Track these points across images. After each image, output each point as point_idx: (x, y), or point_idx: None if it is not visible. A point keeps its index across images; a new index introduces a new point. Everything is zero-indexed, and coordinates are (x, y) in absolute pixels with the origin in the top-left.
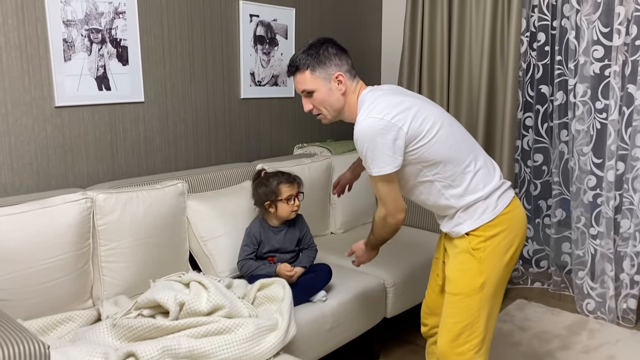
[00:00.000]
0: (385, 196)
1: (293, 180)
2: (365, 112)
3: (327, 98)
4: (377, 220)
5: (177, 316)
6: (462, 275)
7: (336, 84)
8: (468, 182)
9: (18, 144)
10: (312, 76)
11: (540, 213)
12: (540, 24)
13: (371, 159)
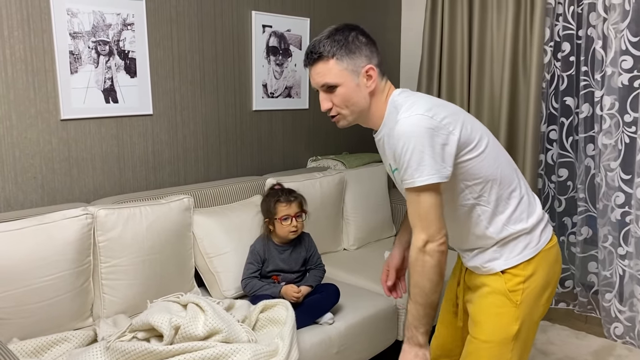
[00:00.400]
0: (428, 212)
1: (291, 200)
2: (408, 110)
3: (352, 95)
4: (415, 258)
5: (171, 340)
6: (495, 321)
7: (365, 80)
8: (512, 210)
9: (22, 158)
10: (338, 67)
11: (565, 230)
12: (565, 33)
13: (417, 164)
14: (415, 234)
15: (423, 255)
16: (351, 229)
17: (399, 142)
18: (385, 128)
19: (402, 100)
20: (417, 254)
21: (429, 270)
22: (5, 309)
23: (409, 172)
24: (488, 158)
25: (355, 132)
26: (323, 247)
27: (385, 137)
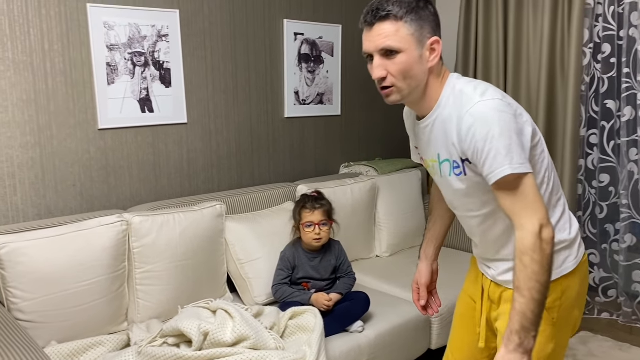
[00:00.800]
0: (535, 195)
1: (316, 207)
2: (483, 95)
3: (413, 66)
4: (531, 248)
5: (200, 346)
6: None
7: (428, 53)
8: (558, 218)
9: (62, 166)
10: (406, 31)
11: (607, 238)
12: (605, 34)
13: (506, 151)
14: (526, 222)
15: (541, 242)
16: (384, 235)
17: (479, 128)
18: (442, 111)
19: (464, 84)
20: (535, 242)
21: (548, 259)
22: (44, 313)
23: (498, 161)
24: (546, 159)
25: (388, 138)
26: (355, 254)
27: (438, 122)
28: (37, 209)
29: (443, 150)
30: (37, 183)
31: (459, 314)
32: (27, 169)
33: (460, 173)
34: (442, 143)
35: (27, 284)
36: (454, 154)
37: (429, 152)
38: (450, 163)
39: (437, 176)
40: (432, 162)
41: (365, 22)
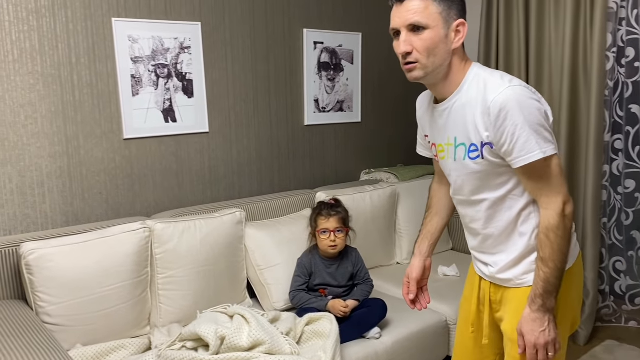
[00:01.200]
0: (559, 175)
1: (332, 214)
2: (510, 82)
3: (438, 44)
4: (556, 226)
5: (217, 350)
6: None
7: (453, 34)
8: None
9: (89, 175)
10: (435, 9)
11: (634, 245)
12: (628, 38)
13: (536, 135)
14: (551, 202)
15: (564, 219)
16: (404, 242)
17: (510, 112)
18: (464, 95)
19: (489, 72)
20: (559, 221)
21: (569, 231)
22: (70, 317)
23: (530, 145)
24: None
25: (410, 144)
26: (375, 261)
27: (457, 105)
28: (65, 216)
29: (460, 134)
30: (65, 191)
31: (460, 319)
32: (56, 177)
33: (477, 157)
34: (460, 126)
35: (53, 288)
36: (472, 137)
37: (444, 136)
38: (466, 147)
39: (450, 160)
40: (447, 145)
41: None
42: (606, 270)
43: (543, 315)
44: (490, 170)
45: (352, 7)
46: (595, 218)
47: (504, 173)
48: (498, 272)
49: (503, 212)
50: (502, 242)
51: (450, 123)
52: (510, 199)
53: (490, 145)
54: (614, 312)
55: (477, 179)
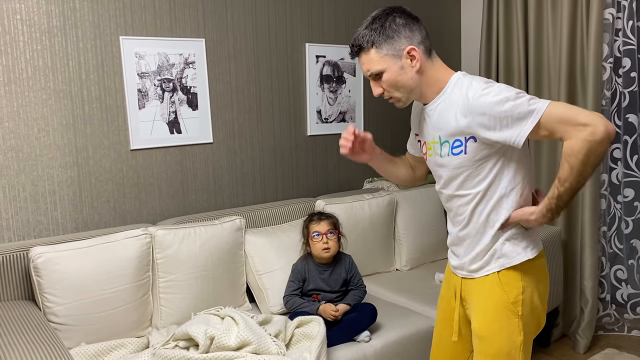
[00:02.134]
0: (570, 115)
1: (322, 218)
2: (484, 81)
3: (398, 78)
4: (576, 149)
5: (207, 349)
6: (501, 334)
7: (409, 60)
8: (526, 195)
9: (98, 184)
10: (378, 55)
11: (634, 254)
12: (625, 48)
13: (527, 102)
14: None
15: (588, 144)
16: (403, 250)
17: (493, 104)
18: (448, 97)
19: (469, 77)
20: (581, 145)
21: (594, 157)
22: (75, 317)
23: (527, 117)
24: (531, 162)
25: None
26: (374, 268)
27: (442, 105)
28: (74, 222)
29: (444, 132)
30: (74, 199)
31: (438, 319)
32: (66, 186)
33: (459, 152)
34: (444, 125)
35: (60, 290)
36: (456, 134)
37: (431, 134)
38: (450, 143)
39: (437, 156)
40: (433, 143)
41: (351, 57)
42: (607, 278)
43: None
44: (470, 166)
45: (353, 22)
46: (594, 226)
47: (482, 170)
48: (470, 262)
49: (482, 205)
50: (478, 232)
51: (435, 122)
52: (488, 194)
53: (473, 138)
54: (615, 320)
55: (459, 174)
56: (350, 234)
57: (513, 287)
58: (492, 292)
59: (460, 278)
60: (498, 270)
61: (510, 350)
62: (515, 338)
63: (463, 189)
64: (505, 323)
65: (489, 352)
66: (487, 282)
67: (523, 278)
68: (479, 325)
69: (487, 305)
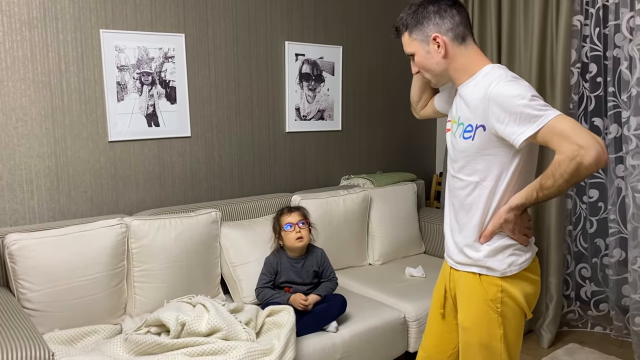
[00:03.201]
0: (571, 130)
1: (292, 210)
2: (510, 74)
3: (425, 62)
4: (563, 167)
5: (178, 335)
6: (482, 327)
7: (435, 46)
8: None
9: (75, 174)
10: (410, 38)
11: (598, 252)
12: (592, 54)
13: (538, 107)
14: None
15: (571, 163)
16: (376, 244)
17: (510, 97)
18: (473, 84)
19: (502, 69)
20: (567, 164)
21: (579, 179)
22: (49, 303)
23: (536, 118)
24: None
25: (389, 152)
26: (348, 262)
27: (468, 89)
28: (51, 212)
29: (463, 115)
30: (52, 189)
31: (431, 307)
32: (44, 176)
33: (468, 137)
34: (464, 109)
35: (34, 276)
36: (470, 119)
37: (454, 114)
38: (464, 126)
39: (452, 136)
40: (453, 122)
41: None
42: (572, 276)
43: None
44: (473, 153)
45: (333, 22)
46: (559, 225)
47: (482, 160)
48: (456, 252)
49: (473, 196)
50: (468, 224)
51: (460, 104)
52: (480, 187)
53: (483, 127)
54: (579, 317)
55: (462, 158)
56: (325, 229)
57: (492, 285)
58: (473, 287)
59: (449, 268)
60: (478, 273)
61: (491, 341)
62: (494, 331)
63: (461, 174)
64: (484, 317)
65: (472, 342)
66: (469, 278)
67: (503, 279)
68: (463, 317)
69: (470, 299)
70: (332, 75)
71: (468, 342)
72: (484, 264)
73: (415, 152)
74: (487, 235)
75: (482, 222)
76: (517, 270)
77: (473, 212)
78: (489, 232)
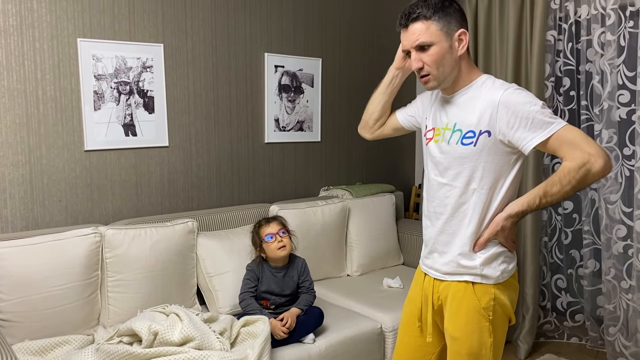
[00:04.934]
0: (578, 140)
1: (270, 220)
2: (514, 85)
3: (444, 56)
4: (572, 174)
5: (150, 344)
6: (474, 336)
7: (456, 43)
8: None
9: (50, 183)
10: (435, 27)
11: (573, 263)
12: (565, 68)
13: (549, 115)
14: (574, 157)
15: (579, 171)
16: (355, 255)
17: (522, 103)
18: (475, 91)
19: (499, 80)
20: (576, 171)
21: (584, 186)
22: (20, 313)
23: (545, 126)
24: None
25: (368, 163)
26: (326, 272)
27: (467, 97)
28: (25, 221)
29: (460, 122)
30: (25, 198)
31: (403, 321)
32: (17, 184)
33: (469, 143)
34: (462, 116)
35: (5, 286)
36: (472, 125)
37: (445, 121)
38: (462, 133)
39: (444, 143)
40: (444, 129)
41: (400, 24)
42: (548, 287)
43: (510, 223)
44: (473, 159)
45: (313, 34)
46: (535, 237)
47: (481, 167)
48: (444, 263)
49: (469, 204)
50: (457, 232)
51: (455, 111)
52: (476, 194)
53: (488, 133)
54: (556, 327)
55: (459, 164)
56: (303, 239)
57: (485, 293)
58: (465, 296)
59: (432, 279)
60: (472, 282)
61: (481, 350)
62: (485, 340)
63: (456, 181)
64: (476, 326)
65: (461, 352)
66: (461, 287)
67: (496, 287)
68: (453, 327)
69: (460, 308)
70: (312, 87)
71: (458, 352)
72: (479, 272)
73: (394, 163)
74: (481, 244)
75: (477, 231)
76: (508, 277)
77: (468, 220)
78: (484, 240)
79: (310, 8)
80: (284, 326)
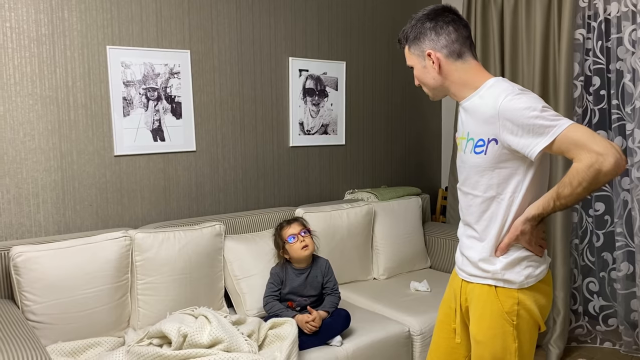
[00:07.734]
0: (587, 138)
1: (291, 221)
2: (517, 88)
3: (421, 76)
4: (581, 174)
5: (179, 346)
6: (496, 341)
7: (430, 62)
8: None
9: (81, 188)
10: (409, 52)
11: (605, 266)
12: (595, 67)
13: (551, 118)
14: (582, 157)
15: (589, 171)
16: (381, 259)
17: (520, 110)
18: (479, 98)
19: (507, 83)
20: (585, 172)
21: (597, 186)
22: (53, 315)
23: (548, 129)
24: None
25: (393, 166)
26: (352, 276)
27: (472, 104)
28: (57, 225)
29: (471, 130)
30: (57, 203)
31: (438, 321)
32: (50, 190)
33: (480, 152)
34: (472, 123)
35: (38, 289)
36: (481, 133)
37: (461, 130)
38: (474, 142)
39: (462, 152)
40: (461, 139)
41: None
42: (579, 290)
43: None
44: (487, 168)
45: (337, 38)
46: (565, 239)
47: (496, 175)
48: (470, 265)
49: (490, 211)
50: (482, 238)
51: (466, 119)
52: (496, 202)
53: (495, 140)
54: (588, 332)
55: (475, 173)
56: (329, 243)
57: (509, 297)
58: (488, 300)
59: (461, 280)
60: (495, 285)
61: (505, 355)
62: (509, 345)
63: (476, 190)
64: (499, 330)
65: (484, 356)
66: (485, 290)
67: (520, 291)
68: (476, 330)
69: (484, 312)
70: (336, 90)
71: (481, 355)
72: (501, 277)
73: (420, 166)
74: (503, 248)
75: (498, 236)
76: (534, 282)
77: (491, 226)
78: (505, 245)
79: (334, 12)
80: (311, 319)
